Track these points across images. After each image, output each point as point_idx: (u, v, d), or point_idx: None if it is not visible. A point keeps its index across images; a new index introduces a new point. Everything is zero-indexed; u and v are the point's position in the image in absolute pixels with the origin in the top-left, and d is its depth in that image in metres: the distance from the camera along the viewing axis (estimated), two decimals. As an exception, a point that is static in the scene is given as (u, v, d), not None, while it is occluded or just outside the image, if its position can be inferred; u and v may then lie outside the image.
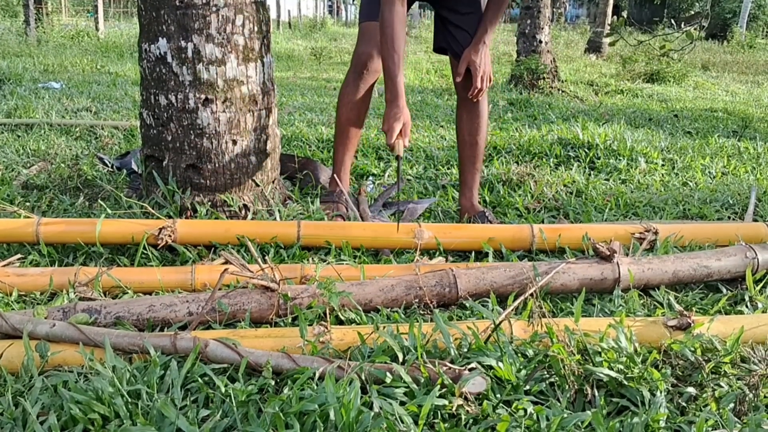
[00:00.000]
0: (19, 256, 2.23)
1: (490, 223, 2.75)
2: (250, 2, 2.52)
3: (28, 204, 2.78)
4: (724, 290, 2.16)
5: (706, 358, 1.64)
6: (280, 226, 2.39)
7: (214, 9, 2.43)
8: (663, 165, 3.99)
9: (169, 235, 2.26)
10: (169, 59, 2.47)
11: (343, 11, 41.26)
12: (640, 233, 2.43)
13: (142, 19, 2.52)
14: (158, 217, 2.37)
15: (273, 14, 22.38)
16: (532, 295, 1.78)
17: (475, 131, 2.81)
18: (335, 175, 2.87)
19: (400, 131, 2.37)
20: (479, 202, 2.96)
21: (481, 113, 2.79)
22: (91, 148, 3.91)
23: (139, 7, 2.55)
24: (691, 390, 1.54)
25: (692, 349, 1.65)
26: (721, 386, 1.56)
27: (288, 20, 24.76)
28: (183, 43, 2.44)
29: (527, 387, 1.50)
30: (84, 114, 5.07)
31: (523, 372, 1.53)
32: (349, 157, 2.89)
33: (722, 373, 1.62)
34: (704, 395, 1.53)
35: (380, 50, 2.48)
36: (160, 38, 2.46)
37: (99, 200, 2.79)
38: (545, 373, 1.56)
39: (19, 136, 4.15)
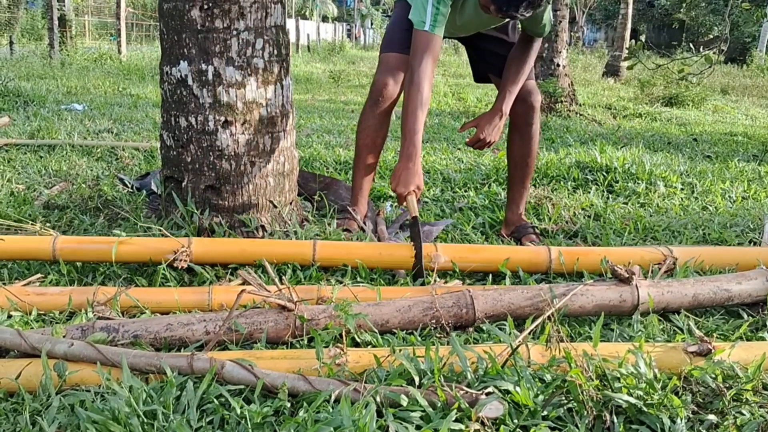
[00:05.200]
0: (39, 275, 2.25)
1: (535, 234, 2.88)
2: (270, 26, 2.55)
3: (48, 224, 2.82)
4: (745, 316, 2.13)
5: (728, 385, 1.62)
6: (295, 246, 2.40)
7: (234, 33, 2.47)
8: (682, 189, 3.97)
9: (184, 260, 2.27)
10: (190, 82, 2.50)
11: (362, 35, 41.66)
12: (660, 262, 2.40)
13: (164, 42, 2.57)
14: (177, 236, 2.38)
15: (292, 38, 22.65)
16: (549, 317, 1.76)
17: (527, 154, 2.91)
18: (353, 199, 2.94)
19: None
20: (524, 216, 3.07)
21: (533, 136, 2.89)
22: (111, 169, 3.96)
23: (161, 30, 2.59)
24: (712, 417, 1.52)
25: (713, 375, 1.63)
26: (742, 414, 1.53)
27: (307, 44, 25.05)
28: (204, 66, 2.48)
29: (545, 412, 1.49)
30: (105, 135, 5.14)
31: (541, 397, 1.51)
32: (368, 181, 2.95)
33: (744, 400, 1.59)
34: (725, 423, 1.51)
35: (404, 105, 2.48)
36: (181, 61, 2.50)
37: (118, 220, 2.81)
38: (563, 398, 1.54)
39: (41, 157, 4.21)
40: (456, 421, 1.41)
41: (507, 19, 2.47)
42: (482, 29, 2.77)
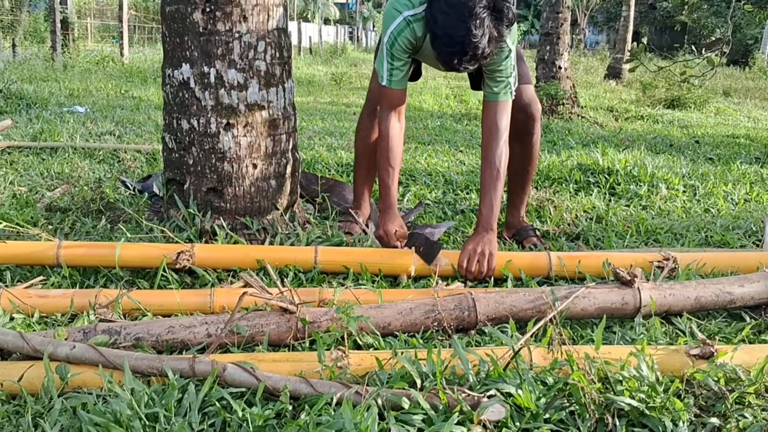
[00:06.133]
0: (41, 278, 2.25)
1: (536, 236, 2.87)
2: (272, 29, 2.55)
3: (51, 226, 2.82)
4: (748, 319, 2.13)
5: (730, 388, 1.61)
6: (298, 252, 2.40)
7: (236, 36, 2.47)
8: (684, 191, 3.96)
9: (187, 260, 2.27)
10: (192, 84, 2.50)
11: (363, 38, 41.69)
12: (659, 262, 2.40)
13: (166, 45, 2.57)
14: (177, 241, 2.39)
15: (294, 40, 22.66)
16: (551, 320, 1.76)
17: (528, 162, 2.88)
18: (355, 202, 2.98)
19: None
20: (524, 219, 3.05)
21: (534, 145, 2.85)
22: (113, 172, 3.97)
23: (163, 33, 2.59)
24: (714, 421, 1.52)
25: (715, 378, 1.63)
26: (745, 417, 1.53)
27: (309, 46, 25.06)
28: (206, 69, 2.48)
29: (547, 415, 1.48)
30: (107, 138, 5.15)
31: (543, 400, 1.51)
32: (369, 184, 2.98)
33: (746, 403, 1.59)
34: (728, 426, 1.50)
35: (377, 160, 2.58)
36: (183, 64, 2.50)
37: (120, 223, 2.81)
38: (565, 401, 1.54)
39: (43, 159, 4.22)
40: (458, 424, 1.40)
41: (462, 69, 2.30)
42: None
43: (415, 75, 2.91)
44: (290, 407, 1.48)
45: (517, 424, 1.45)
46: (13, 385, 1.56)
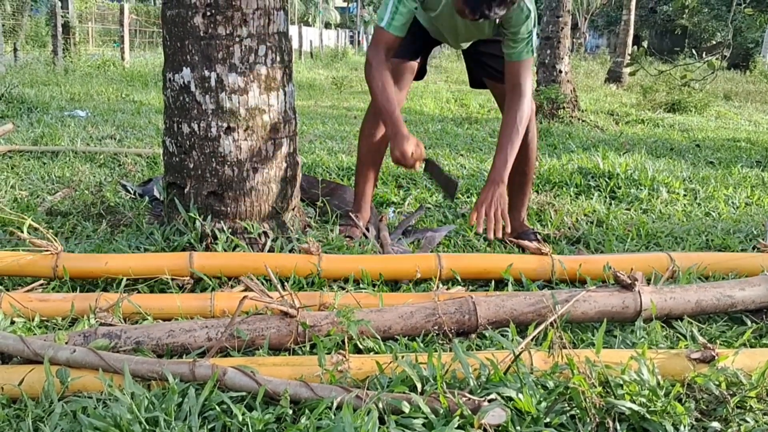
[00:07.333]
0: (41, 281, 2.25)
1: (537, 240, 2.85)
2: (272, 33, 2.56)
3: (51, 230, 2.82)
4: (749, 322, 2.12)
5: (731, 392, 1.61)
6: (302, 259, 2.39)
7: (237, 39, 2.47)
8: (685, 195, 3.96)
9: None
10: (193, 88, 2.51)
11: (364, 42, 41.75)
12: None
13: (167, 49, 2.57)
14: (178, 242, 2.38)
15: (295, 44, 22.68)
16: (552, 324, 1.76)
17: (524, 163, 2.86)
18: (356, 206, 2.98)
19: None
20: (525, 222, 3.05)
21: (529, 144, 2.84)
22: (114, 175, 3.97)
23: (164, 37, 2.60)
24: (715, 425, 1.51)
25: (716, 382, 1.62)
26: (746, 421, 1.53)
27: (310, 50, 25.09)
28: (206, 73, 2.48)
29: (548, 419, 1.48)
30: (108, 141, 5.15)
31: (544, 404, 1.51)
32: (370, 187, 2.98)
33: (748, 407, 1.59)
34: (729, 430, 1.50)
35: (374, 98, 2.56)
36: (184, 68, 2.51)
37: (121, 227, 2.82)
38: (566, 405, 1.53)
39: (44, 163, 4.22)
40: (458, 428, 1.40)
41: (482, 20, 2.31)
42: (470, 38, 2.74)
43: (420, 73, 2.91)
44: (290, 411, 1.48)
45: (518, 428, 1.45)
46: (13, 388, 1.56)
